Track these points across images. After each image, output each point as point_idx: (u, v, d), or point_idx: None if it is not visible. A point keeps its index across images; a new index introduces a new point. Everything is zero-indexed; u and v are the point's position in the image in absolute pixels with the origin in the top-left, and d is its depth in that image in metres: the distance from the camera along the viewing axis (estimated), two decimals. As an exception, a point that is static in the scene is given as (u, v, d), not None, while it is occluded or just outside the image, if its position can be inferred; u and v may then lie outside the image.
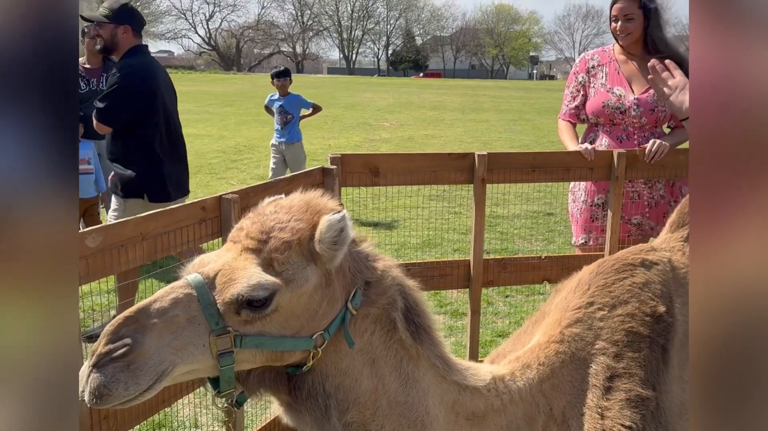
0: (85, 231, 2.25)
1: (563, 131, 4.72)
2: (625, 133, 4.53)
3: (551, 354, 2.38)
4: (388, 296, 1.98)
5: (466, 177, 4.18)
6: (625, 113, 4.48)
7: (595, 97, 4.59)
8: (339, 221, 1.79)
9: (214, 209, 2.85)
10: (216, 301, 1.72)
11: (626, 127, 4.52)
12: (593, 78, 4.64)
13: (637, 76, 4.56)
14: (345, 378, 1.93)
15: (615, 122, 4.54)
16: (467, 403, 2.16)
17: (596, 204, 4.59)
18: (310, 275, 1.81)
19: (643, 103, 4.45)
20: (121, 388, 1.60)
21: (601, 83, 4.59)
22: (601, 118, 4.57)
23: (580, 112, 4.70)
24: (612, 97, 4.51)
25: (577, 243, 4.73)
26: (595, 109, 4.58)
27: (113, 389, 1.59)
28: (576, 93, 4.71)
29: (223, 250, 1.87)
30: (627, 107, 4.47)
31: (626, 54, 4.61)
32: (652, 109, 4.44)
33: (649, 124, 4.49)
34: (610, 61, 4.64)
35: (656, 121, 4.49)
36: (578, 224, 4.72)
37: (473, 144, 17.28)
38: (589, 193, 4.62)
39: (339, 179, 3.81)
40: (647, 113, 4.45)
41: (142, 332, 1.64)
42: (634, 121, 4.48)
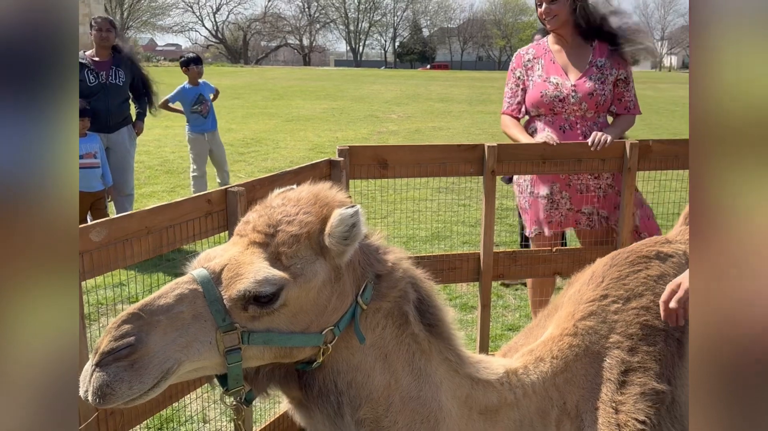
0: (88, 225, 2.22)
1: (510, 126, 4.66)
2: (568, 123, 4.48)
3: (565, 347, 2.34)
4: (400, 289, 1.94)
5: (475, 168, 4.13)
6: (564, 101, 4.43)
7: (532, 89, 4.55)
8: (351, 216, 1.75)
9: (220, 202, 2.82)
10: (222, 297, 1.68)
11: (568, 117, 4.47)
12: (530, 71, 4.60)
13: (573, 63, 4.51)
14: (357, 374, 1.90)
15: (556, 112, 4.49)
16: (480, 397, 2.13)
17: (542, 195, 4.54)
18: (318, 269, 1.77)
19: (580, 89, 4.40)
20: (125, 387, 1.56)
21: (538, 74, 4.55)
22: (542, 108, 4.53)
23: (520, 107, 4.66)
24: (549, 86, 4.47)
25: (531, 234, 4.69)
26: (534, 101, 4.54)
27: (117, 388, 1.55)
28: (515, 88, 4.67)
29: (229, 244, 1.83)
30: (565, 94, 4.42)
31: (559, 42, 4.57)
32: (591, 93, 4.39)
33: (591, 110, 4.43)
34: (545, 53, 4.60)
35: (597, 106, 4.42)
36: (529, 216, 4.68)
37: (481, 136, 17.20)
38: (535, 185, 4.57)
39: (347, 171, 3.77)
40: (586, 98, 4.39)
41: (147, 329, 1.60)
42: (575, 108, 4.43)
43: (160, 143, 15.44)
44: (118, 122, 7.34)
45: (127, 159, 7.54)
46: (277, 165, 12.78)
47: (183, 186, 10.91)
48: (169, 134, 16.90)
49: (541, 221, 4.56)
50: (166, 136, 16.66)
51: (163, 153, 14.22)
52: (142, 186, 10.76)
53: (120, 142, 7.38)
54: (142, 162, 12.79)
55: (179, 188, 10.74)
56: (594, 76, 4.40)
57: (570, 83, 4.42)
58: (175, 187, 10.92)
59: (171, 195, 10.12)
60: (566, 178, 4.45)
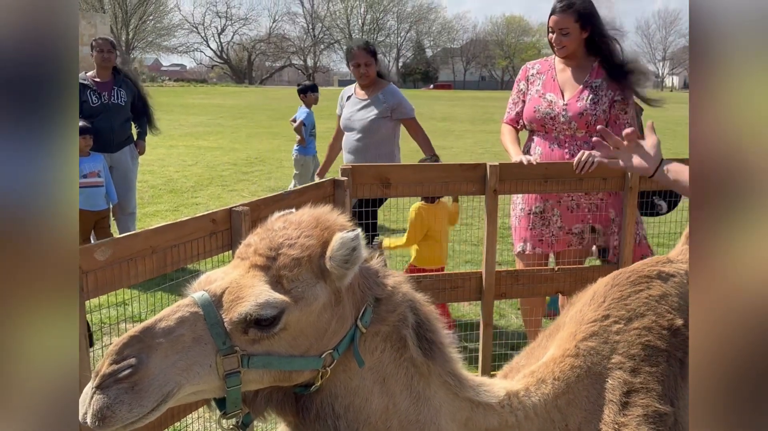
0: (93, 244, 2.23)
1: (505, 134, 4.75)
2: (557, 141, 4.51)
3: (566, 368, 2.34)
4: (399, 313, 1.94)
5: (477, 188, 4.15)
6: (554, 119, 4.47)
7: (529, 103, 4.62)
8: (352, 240, 1.75)
9: (225, 222, 2.83)
10: (223, 320, 1.68)
11: (558, 135, 4.51)
12: (531, 85, 4.68)
13: (570, 83, 4.56)
14: (355, 397, 1.89)
15: (547, 129, 4.54)
16: (480, 420, 2.12)
17: (534, 212, 4.56)
18: (319, 293, 1.77)
19: (571, 108, 4.43)
20: (125, 410, 1.55)
21: (536, 89, 4.61)
22: (534, 123, 4.59)
23: (519, 118, 4.73)
24: (543, 102, 4.52)
25: (516, 251, 4.70)
26: (528, 116, 4.61)
27: (117, 411, 1.54)
28: (516, 99, 4.76)
29: (230, 267, 1.83)
30: (556, 113, 4.46)
31: (565, 62, 4.62)
32: (581, 113, 4.41)
33: (581, 130, 4.44)
34: (549, 69, 4.66)
35: (587, 125, 4.43)
36: (516, 232, 4.71)
37: (484, 155, 17.23)
38: (526, 202, 4.59)
39: (350, 191, 3.79)
40: (576, 118, 4.41)
41: (147, 352, 1.60)
42: (564, 127, 4.46)
43: (164, 162, 15.50)
44: (120, 141, 7.40)
45: (130, 177, 7.59)
46: (280, 184, 12.81)
47: (187, 205, 10.94)
48: (173, 153, 16.98)
49: (528, 238, 4.58)
50: (170, 155, 16.73)
51: (167, 172, 14.27)
52: (145, 205, 10.78)
53: (123, 161, 7.43)
54: (146, 181, 12.83)
55: (183, 207, 10.77)
56: (587, 97, 4.42)
57: (563, 102, 4.46)
58: (178, 206, 10.95)
59: (175, 214, 10.14)
60: (558, 196, 4.47)
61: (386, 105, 5.94)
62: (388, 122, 5.99)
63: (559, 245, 4.56)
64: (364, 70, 5.93)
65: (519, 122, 4.73)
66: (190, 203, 11.10)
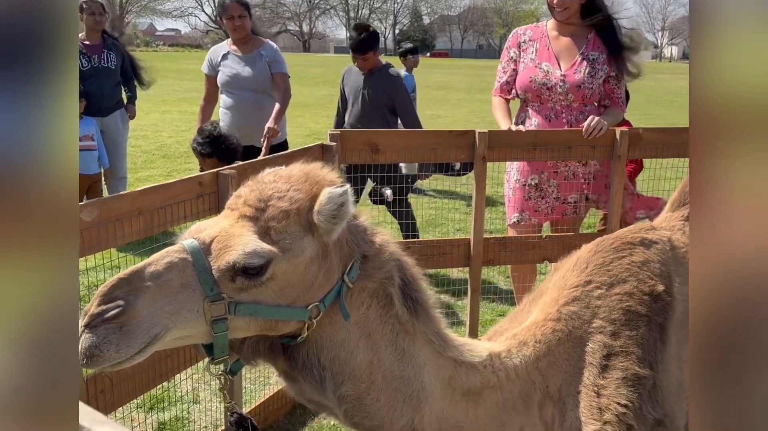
0: (80, 204, 2.23)
1: (496, 107, 4.71)
2: (553, 112, 4.50)
3: (548, 332, 2.37)
4: (385, 271, 1.97)
5: (467, 154, 4.16)
6: (551, 89, 4.44)
7: (523, 72, 4.56)
8: (340, 195, 1.78)
9: (212, 184, 2.84)
10: (211, 267, 1.71)
11: (554, 105, 4.49)
12: (524, 53, 4.61)
13: (566, 52, 4.52)
14: (340, 350, 1.93)
15: (542, 99, 4.51)
16: (463, 379, 2.16)
17: (529, 184, 4.57)
18: (306, 246, 1.80)
19: (569, 80, 4.41)
20: (113, 350, 1.58)
21: (531, 58, 4.55)
22: (529, 93, 4.55)
23: (511, 88, 4.68)
24: (539, 72, 4.48)
25: (510, 222, 4.72)
26: (522, 85, 4.56)
27: (104, 350, 1.57)
28: (507, 68, 4.69)
29: (220, 217, 1.86)
30: (553, 83, 4.43)
31: (558, 29, 4.57)
32: (579, 85, 4.40)
33: (576, 101, 4.44)
34: (541, 37, 4.59)
35: (583, 98, 4.44)
36: (511, 203, 4.71)
37: (479, 124, 17.18)
38: (522, 173, 4.59)
39: (339, 156, 3.80)
40: (573, 90, 4.41)
41: (135, 294, 1.62)
42: (561, 98, 4.45)
43: (158, 128, 15.42)
44: (111, 105, 7.35)
45: (120, 142, 7.56)
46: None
47: (180, 171, 10.92)
48: (166, 119, 16.89)
49: (524, 209, 4.59)
50: (164, 120, 16.64)
51: (160, 137, 14.21)
52: (138, 170, 10.77)
53: (113, 126, 7.39)
54: (139, 146, 12.79)
55: (176, 173, 10.75)
56: (584, 69, 4.40)
57: (560, 72, 4.43)
58: (171, 171, 10.93)
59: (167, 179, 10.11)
60: (554, 165, 4.47)
61: (268, 60, 5.95)
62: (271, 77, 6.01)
63: (555, 214, 4.59)
64: (239, 23, 5.88)
65: (510, 91, 4.68)
66: (183, 169, 11.07)
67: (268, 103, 5.93)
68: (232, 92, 6.03)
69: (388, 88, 6.13)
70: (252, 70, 5.93)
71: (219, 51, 6.16)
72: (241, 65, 5.98)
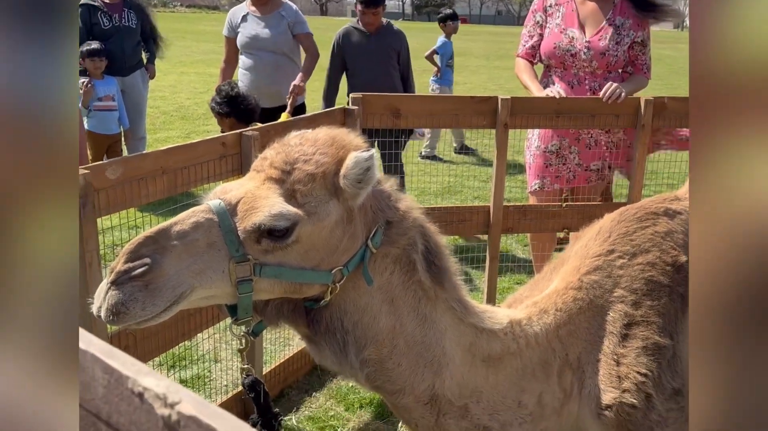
0: (104, 162, 2.24)
1: (522, 70, 4.64)
2: (576, 78, 4.45)
3: (569, 300, 2.37)
4: (409, 237, 1.97)
5: (488, 121, 4.13)
6: (575, 56, 4.39)
7: (548, 38, 4.50)
8: (366, 159, 1.77)
9: (235, 145, 2.84)
10: (237, 228, 1.71)
11: (577, 72, 4.44)
12: (549, 18, 4.54)
13: (592, 18, 4.44)
14: (363, 315, 1.94)
15: (566, 66, 4.46)
16: (483, 346, 2.17)
17: (550, 150, 4.53)
18: (332, 210, 1.80)
19: (593, 46, 4.35)
20: (138, 307, 1.59)
21: (556, 23, 4.48)
22: (553, 60, 4.49)
23: (535, 52, 4.62)
24: (564, 38, 4.42)
25: (531, 189, 4.69)
26: (546, 51, 4.51)
27: (130, 307, 1.58)
28: (533, 32, 4.62)
29: (245, 179, 1.86)
30: (577, 50, 4.37)
31: None
32: (603, 52, 4.34)
33: (600, 68, 4.39)
34: (568, 1, 4.52)
35: (607, 65, 4.38)
36: (532, 170, 4.67)
37: (497, 91, 16.96)
38: (542, 139, 4.56)
39: (360, 120, 3.78)
40: (597, 57, 4.35)
41: (162, 253, 1.63)
42: (585, 65, 4.39)
43: (176, 89, 15.41)
44: (132, 65, 7.34)
45: (141, 102, 7.57)
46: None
47: (198, 132, 10.93)
48: (184, 80, 16.86)
49: (545, 175, 4.57)
50: (181, 82, 16.62)
51: (178, 99, 14.21)
52: (157, 131, 10.79)
53: (134, 85, 7.39)
54: (158, 107, 12.80)
55: (194, 134, 10.76)
56: (609, 36, 4.34)
57: (585, 39, 4.37)
58: (189, 133, 10.95)
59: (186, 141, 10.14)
60: (576, 133, 4.44)
61: (289, 21, 5.91)
62: (292, 39, 6.00)
63: (577, 181, 4.56)
64: None
65: (535, 56, 4.62)
66: (202, 130, 11.08)
67: (287, 65, 5.91)
68: (251, 53, 6.00)
69: (396, 44, 6.07)
70: (271, 32, 5.90)
71: (238, 12, 6.12)
72: (260, 26, 5.94)
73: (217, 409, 0.70)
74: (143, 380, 0.75)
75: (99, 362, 0.80)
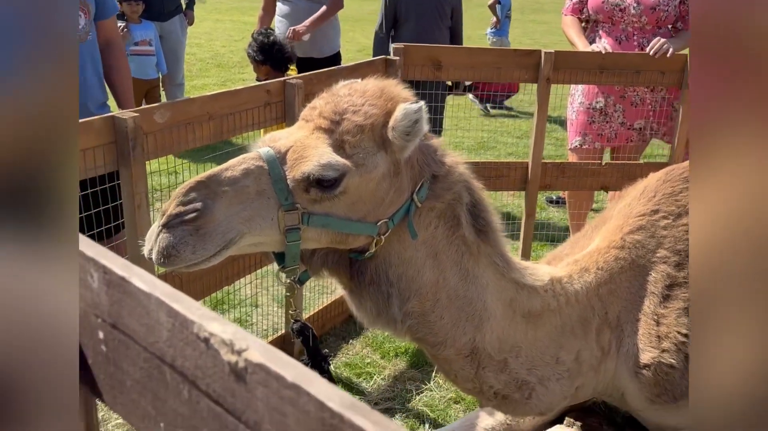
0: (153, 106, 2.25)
1: (569, 26, 4.55)
2: (625, 34, 4.33)
3: (610, 259, 2.36)
4: (454, 191, 1.97)
5: (530, 75, 4.07)
6: (624, 11, 4.27)
7: None
8: (415, 112, 1.76)
9: (279, 93, 2.83)
10: (286, 177, 1.72)
11: (626, 27, 4.32)
12: None
13: None
14: (408, 268, 1.95)
15: (614, 21, 4.34)
16: (524, 302, 2.18)
17: (594, 107, 4.44)
18: (379, 162, 1.80)
19: (644, 1, 4.22)
20: (189, 251, 1.61)
21: None
22: (601, 15, 4.38)
23: (582, 7, 4.51)
24: None
25: (572, 146, 4.61)
26: (595, 5, 4.39)
27: (181, 251, 1.61)
28: None
29: (294, 128, 1.86)
30: (627, 4, 4.26)
31: None
32: (653, 7, 4.22)
33: (650, 24, 4.27)
34: None
35: (657, 21, 4.27)
36: (574, 126, 4.60)
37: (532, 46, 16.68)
38: (587, 95, 4.48)
39: (401, 71, 3.74)
40: (647, 12, 4.23)
41: (213, 198, 1.64)
42: (634, 20, 4.27)
43: (211, 36, 15.36)
44: (170, 10, 7.31)
45: (179, 48, 7.56)
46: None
47: (234, 80, 10.93)
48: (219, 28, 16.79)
49: (588, 132, 4.50)
50: (217, 29, 16.55)
51: (214, 46, 14.18)
52: (193, 78, 10.79)
53: (172, 31, 7.37)
54: (194, 54, 12.79)
55: (230, 82, 10.76)
56: None
57: None
58: (225, 81, 10.94)
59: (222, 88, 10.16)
60: (621, 90, 4.35)
61: None
62: None
63: (618, 140, 4.49)
64: None
65: (582, 11, 4.52)
66: (237, 78, 11.07)
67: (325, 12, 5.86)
68: (287, 1, 5.97)
69: None
70: None
71: None
72: None
73: (285, 357, 0.69)
74: (209, 325, 0.75)
75: (163, 305, 0.80)
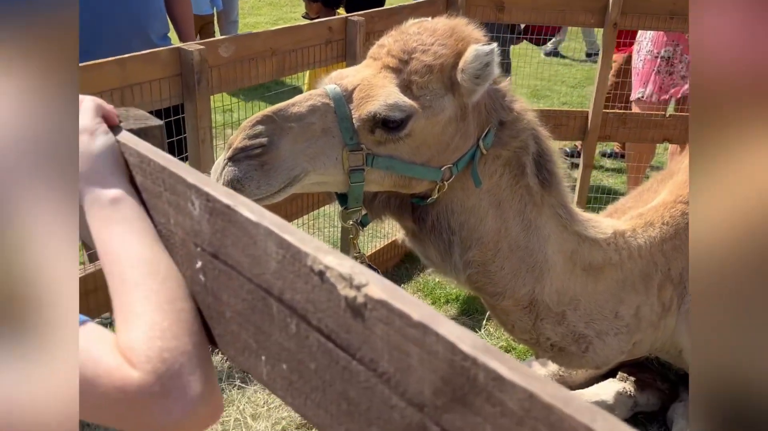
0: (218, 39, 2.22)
1: None
2: None
3: (677, 214, 2.29)
4: (521, 139, 1.91)
5: (596, 19, 3.91)
6: None
7: None
8: (487, 54, 1.68)
9: (340, 31, 2.77)
10: (352, 116, 1.67)
11: None
12: None
13: None
14: (470, 216, 1.91)
15: None
16: (585, 254, 2.13)
17: (662, 56, 4.25)
18: (446, 105, 1.74)
19: None
20: (254, 185, 1.59)
21: None
22: None
23: None
24: None
25: (634, 97, 4.43)
26: None
27: (246, 185, 1.58)
28: None
29: (362, 66, 1.80)
30: None
31: None
32: None
33: None
34: None
35: None
36: (639, 76, 4.40)
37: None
38: (655, 44, 4.28)
39: (462, 12, 3.63)
40: None
41: (279, 134, 1.61)
42: None
43: (263, -27, 15.20)
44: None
45: (233, -16, 7.48)
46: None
47: (286, 19, 10.83)
48: (271, -36, 16.59)
49: (650, 83, 4.34)
50: (269, -35, 16.36)
51: (265, -17, 14.04)
52: (246, 16, 10.72)
53: (228, -34, 7.29)
54: (245, -9, 12.69)
55: (282, 21, 10.66)
56: None
57: None
58: (278, 19, 10.85)
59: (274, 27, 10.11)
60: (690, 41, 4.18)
61: None
62: None
63: (677, 93, 4.34)
64: None
65: None
66: (289, 17, 10.96)
67: None
68: None
69: None
70: None
71: None
72: None
73: (407, 295, 0.65)
74: (324, 258, 0.70)
75: (273, 236, 0.75)
